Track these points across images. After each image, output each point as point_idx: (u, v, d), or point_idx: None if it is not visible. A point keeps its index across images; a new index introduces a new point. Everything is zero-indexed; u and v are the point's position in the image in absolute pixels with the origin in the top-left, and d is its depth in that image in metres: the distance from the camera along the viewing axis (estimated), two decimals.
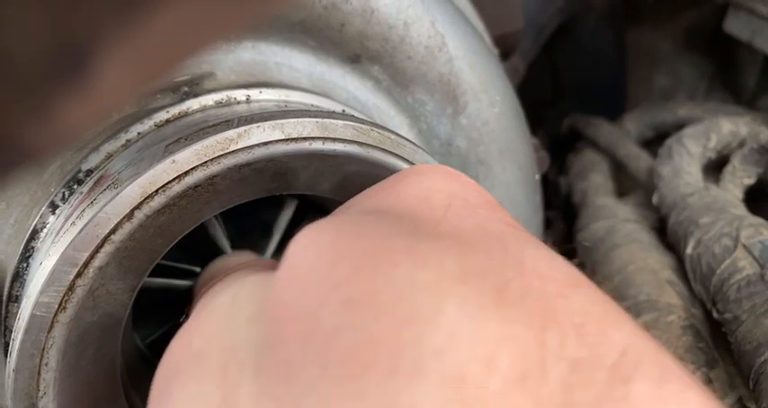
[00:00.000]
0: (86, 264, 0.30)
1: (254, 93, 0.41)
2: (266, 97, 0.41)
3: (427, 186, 0.26)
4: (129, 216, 0.30)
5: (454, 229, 0.23)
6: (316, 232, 0.23)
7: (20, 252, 0.37)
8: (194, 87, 0.40)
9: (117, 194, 0.30)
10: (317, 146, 0.32)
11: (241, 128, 0.31)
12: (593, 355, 0.19)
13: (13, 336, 0.31)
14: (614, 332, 0.19)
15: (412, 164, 0.34)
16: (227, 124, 0.32)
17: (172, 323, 0.45)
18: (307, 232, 0.23)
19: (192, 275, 0.44)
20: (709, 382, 0.49)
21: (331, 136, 0.32)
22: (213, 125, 0.33)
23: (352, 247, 0.21)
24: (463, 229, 0.23)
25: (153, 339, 0.44)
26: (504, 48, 0.62)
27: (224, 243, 0.44)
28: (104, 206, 0.30)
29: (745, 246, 0.51)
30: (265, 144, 0.31)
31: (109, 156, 0.38)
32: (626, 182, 0.79)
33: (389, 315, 0.19)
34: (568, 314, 0.20)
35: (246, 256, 0.40)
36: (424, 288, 0.20)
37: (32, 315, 0.30)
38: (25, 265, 0.37)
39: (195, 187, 0.31)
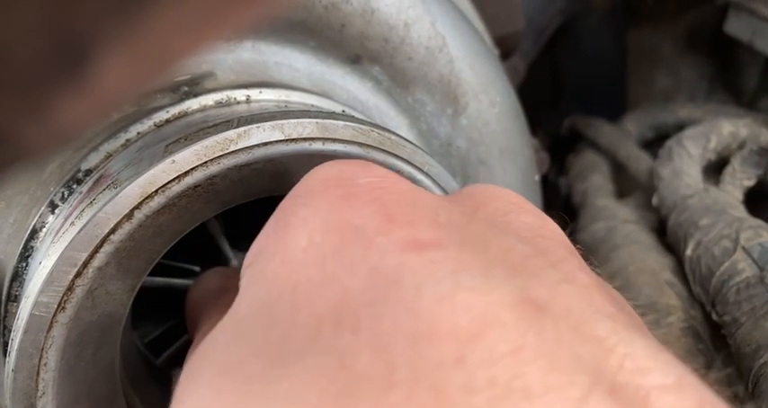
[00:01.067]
0: (86, 264, 0.30)
1: (254, 93, 0.41)
2: (266, 97, 0.41)
3: (314, 226, 0.23)
4: (129, 216, 0.30)
5: (338, 300, 0.20)
6: (188, 383, 0.22)
7: (19, 252, 0.37)
8: (194, 87, 0.40)
9: (116, 194, 0.30)
10: (317, 146, 0.32)
11: (241, 129, 0.31)
12: None
13: (12, 336, 0.31)
14: (523, 404, 0.17)
15: (412, 164, 0.34)
16: (227, 124, 0.32)
17: (171, 323, 0.45)
18: (183, 378, 0.22)
19: (193, 274, 0.44)
20: (708, 384, 0.49)
21: (331, 136, 0.32)
22: (213, 125, 0.33)
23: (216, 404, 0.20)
24: (349, 293, 0.21)
25: (152, 338, 0.44)
26: (505, 48, 0.62)
27: (224, 243, 0.44)
28: (104, 206, 0.30)
29: (744, 248, 0.51)
30: (265, 144, 0.31)
31: (108, 156, 0.38)
32: (626, 183, 0.79)
33: None
34: (466, 396, 0.17)
35: (219, 276, 0.39)
36: None
37: (31, 315, 0.30)
38: (24, 265, 0.37)
39: (195, 187, 0.31)
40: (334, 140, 0.32)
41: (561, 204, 0.84)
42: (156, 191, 0.30)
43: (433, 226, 0.22)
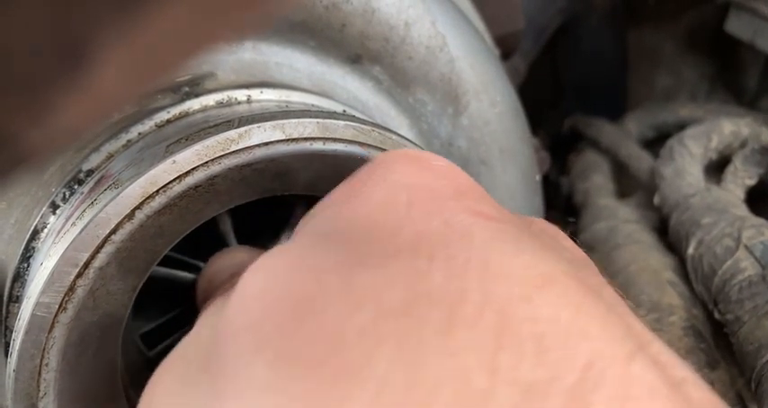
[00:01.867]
0: (87, 265, 0.30)
1: (255, 94, 0.41)
2: (267, 97, 0.41)
3: (391, 182, 0.25)
4: (130, 216, 0.30)
5: (414, 236, 0.22)
6: (263, 268, 0.23)
7: (20, 253, 0.37)
8: (195, 87, 0.40)
9: (117, 194, 0.30)
10: (318, 146, 0.32)
11: (242, 129, 0.31)
12: (550, 377, 0.18)
13: (13, 336, 0.31)
14: (579, 341, 0.19)
15: None
16: (228, 124, 0.32)
17: (169, 316, 0.45)
18: (258, 265, 0.23)
19: (196, 269, 0.44)
20: (710, 383, 0.49)
21: (332, 136, 0.32)
22: (214, 125, 0.33)
23: (291, 291, 0.21)
24: (425, 233, 0.22)
25: (149, 329, 0.44)
26: (505, 48, 0.62)
27: (232, 241, 0.44)
28: (105, 206, 0.30)
29: (746, 247, 0.51)
30: (266, 144, 0.31)
31: (109, 156, 0.38)
32: (627, 183, 0.78)
33: (315, 374, 0.19)
34: (529, 325, 0.19)
35: (246, 253, 0.39)
36: (355, 336, 0.19)
37: (33, 316, 0.30)
38: (26, 265, 0.37)
39: (196, 187, 0.31)
40: (334, 140, 0.32)
41: (562, 204, 0.84)
42: (157, 192, 0.30)
43: (497, 209, 0.25)
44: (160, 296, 0.43)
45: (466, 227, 0.22)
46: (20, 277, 0.37)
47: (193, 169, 0.31)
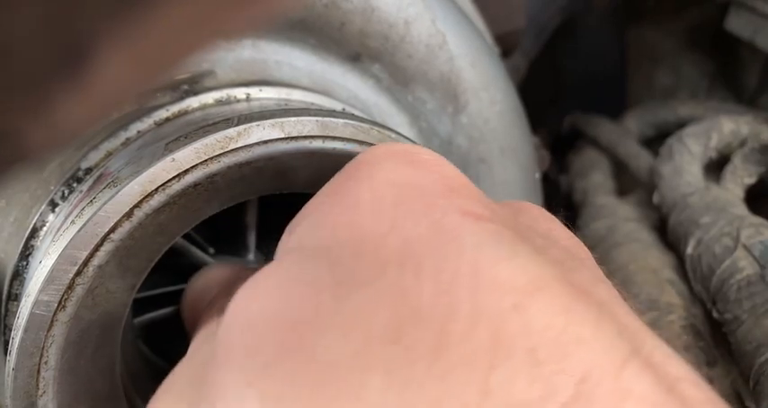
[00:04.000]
0: (86, 263, 0.30)
1: (254, 92, 0.41)
2: (266, 95, 0.41)
3: (377, 180, 0.24)
4: (129, 214, 0.30)
5: (401, 244, 0.22)
6: (251, 294, 0.22)
7: (19, 251, 0.37)
8: (194, 85, 0.40)
9: (116, 192, 0.30)
10: (318, 144, 0.32)
11: (241, 127, 0.31)
12: (545, 394, 0.18)
13: (12, 334, 0.31)
14: (573, 351, 0.18)
15: None
16: (227, 122, 0.32)
17: (167, 290, 0.44)
18: (246, 292, 0.23)
19: (203, 249, 0.44)
20: (709, 382, 0.49)
21: (331, 134, 0.32)
22: (213, 123, 0.33)
23: (279, 320, 0.21)
24: (412, 240, 0.22)
25: (145, 319, 0.44)
26: (506, 46, 0.62)
27: (252, 234, 0.43)
28: (104, 204, 0.30)
29: (745, 246, 0.51)
30: (265, 142, 0.31)
31: (108, 155, 0.38)
32: (627, 181, 0.78)
33: (310, 401, 0.19)
34: (522, 338, 0.19)
35: (230, 270, 0.39)
36: (346, 366, 0.19)
37: (32, 314, 0.30)
38: (25, 263, 0.37)
39: (195, 185, 0.31)
40: (334, 138, 0.32)
41: (562, 202, 0.84)
42: (157, 190, 0.30)
43: (488, 208, 0.24)
44: (163, 266, 0.42)
45: (455, 230, 0.22)
46: (19, 275, 0.37)
47: (192, 167, 0.31)
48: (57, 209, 0.37)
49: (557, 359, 0.18)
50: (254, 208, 0.42)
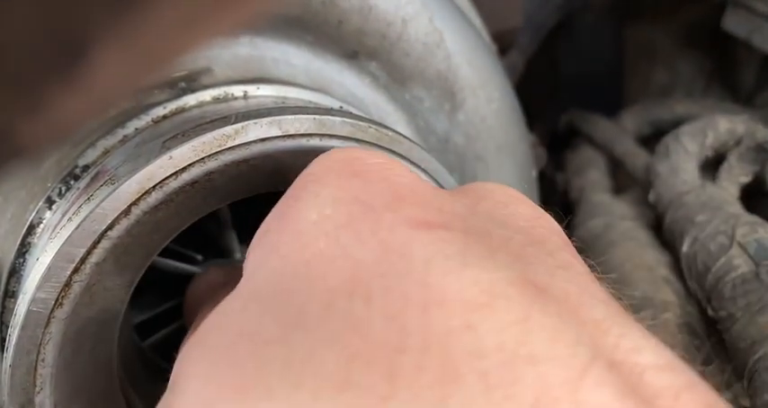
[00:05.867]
0: (83, 260, 0.30)
1: (252, 89, 0.41)
2: (264, 93, 0.41)
3: (322, 199, 0.24)
4: (126, 212, 0.30)
5: (350, 272, 0.21)
6: (197, 351, 0.22)
7: (16, 248, 0.37)
8: (191, 83, 0.40)
9: (114, 190, 0.30)
10: (315, 142, 0.32)
11: (238, 125, 0.31)
12: None
13: (9, 332, 0.31)
14: (526, 370, 0.18)
15: (409, 160, 0.34)
16: (225, 120, 0.32)
17: (164, 308, 0.45)
18: (189, 348, 0.22)
19: (194, 261, 0.44)
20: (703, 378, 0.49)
21: (328, 132, 0.32)
22: (211, 121, 0.33)
23: (229, 382, 0.20)
24: (360, 265, 0.21)
25: (144, 319, 0.44)
26: (503, 44, 0.62)
27: (232, 234, 0.44)
28: (101, 202, 0.30)
29: (740, 244, 0.52)
30: (263, 140, 0.31)
31: (106, 152, 0.38)
32: (623, 179, 0.79)
33: None
34: (473, 361, 0.18)
35: (222, 276, 0.39)
36: None
37: (29, 311, 0.30)
38: (22, 261, 0.37)
39: (192, 183, 0.31)
40: (331, 136, 0.32)
41: (558, 200, 0.84)
42: (154, 187, 0.30)
43: (439, 211, 0.23)
44: (157, 286, 0.43)
45: (403, 246, 0.21)
46: (16, 272, 0.37)
47: (190, 165, 0.31)
48: (54, 207, 0.37)
49: (508, 382, 0.18)
50: (227, 209, 0.42)
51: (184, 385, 0.22)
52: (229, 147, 0.31)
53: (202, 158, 0.31)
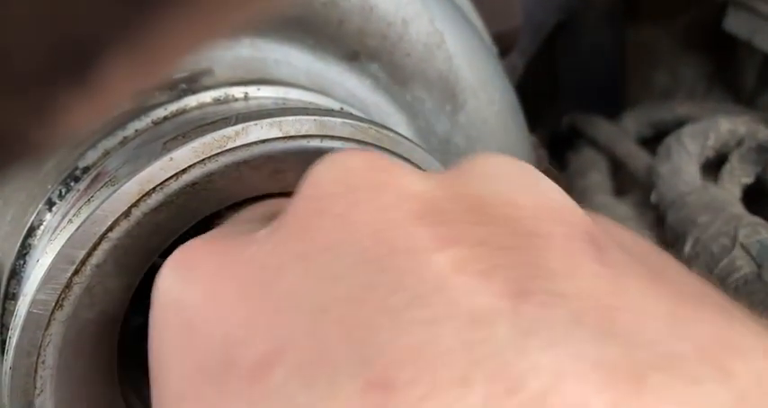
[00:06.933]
0: (84, 262, 0.30)
1: (252, 91, 0.41)
2: (264, 94, 0.41)
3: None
4: (127, 213, 0.30)
5: (342, 277, 0.20)
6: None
7: (16, 250, 0.37)
8: (192, 84, 0.40)
9: (114, 192, 0.30)
10: (316, 143, 0.32)
11: (239, 126, 0.31)
12: None
13: (9, 334, 0.31)
14: None
15: (410, 161, 0.34)
16: (225, 121, 0.32)
17: None
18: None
19: None
20: None
21: (329, 134, 0.32)
22: (211, 122, 0.33)
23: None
24: (351, 268, 0.20)
25: (144, 322, 0.44)
26: (503, 45, 0.62)
27: None
28: (101, 203, 0.30)
29: (742, 245, 0.52)
30: (263, 141, 0.31)
31: (106, 153, 0.38)
32: (625, 181, 0.78)
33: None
34: None
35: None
36: None
37: (29, 313, 0.30)
38: (22, 262, 0.37)
39: (193, 185, 0.31)
40: (332, 137, 0.32)
41: None
42: (154, 189, 0.30)
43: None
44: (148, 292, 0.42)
45: (400, 245, 0.20)
46: (16, 274, 0.37)
47: (190, 166, 0.31)
48: (54, 208, 0.37)
49: None
50: (227, 210, 0.42)
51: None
52: (230, 149, 0.31)
53: (203, 160, 0.31)
